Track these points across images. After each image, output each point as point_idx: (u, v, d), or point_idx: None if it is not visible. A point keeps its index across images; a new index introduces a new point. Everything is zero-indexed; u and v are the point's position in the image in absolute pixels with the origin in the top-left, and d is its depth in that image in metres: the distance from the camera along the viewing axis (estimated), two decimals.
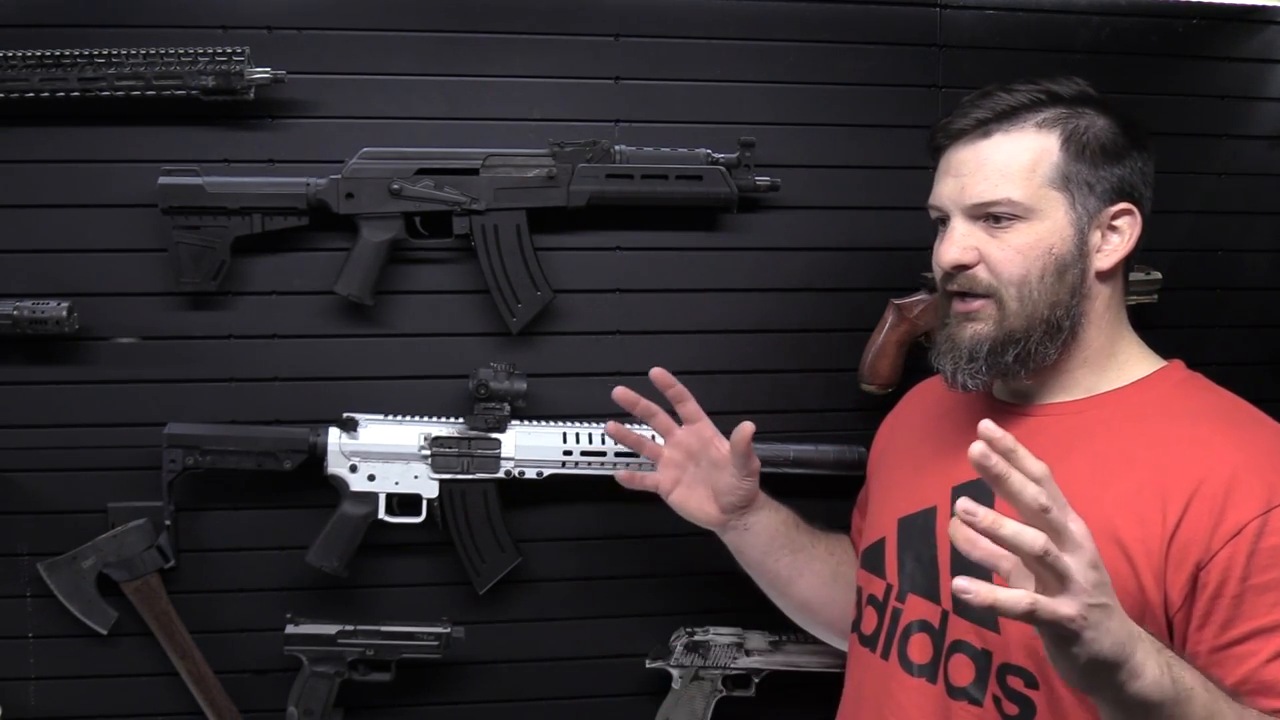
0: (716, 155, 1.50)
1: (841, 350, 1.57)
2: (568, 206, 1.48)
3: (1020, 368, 1.05)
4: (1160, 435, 0.99)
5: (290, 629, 1.46)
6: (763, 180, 1.51)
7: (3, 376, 1.46)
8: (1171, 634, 0.94)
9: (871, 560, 1.19)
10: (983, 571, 0.80)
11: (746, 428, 1.24)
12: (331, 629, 1.46)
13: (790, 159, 1.56)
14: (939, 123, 1.10)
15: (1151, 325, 1.58)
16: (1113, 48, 1.63)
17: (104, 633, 1.47)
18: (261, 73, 1.42)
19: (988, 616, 1.01)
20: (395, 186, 1.44)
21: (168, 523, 1.44)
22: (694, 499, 1.30)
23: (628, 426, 1.36)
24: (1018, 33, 1.61)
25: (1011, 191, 1.02)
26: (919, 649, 1.08)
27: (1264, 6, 1.66)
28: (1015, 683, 1.00)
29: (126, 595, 1.45)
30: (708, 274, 1.57)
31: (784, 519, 1.33)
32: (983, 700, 1.02)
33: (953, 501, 1.09)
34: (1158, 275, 1.56)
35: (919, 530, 1.13)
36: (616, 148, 1.49)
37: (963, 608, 1.05)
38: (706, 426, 1.30)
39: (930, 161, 1.15)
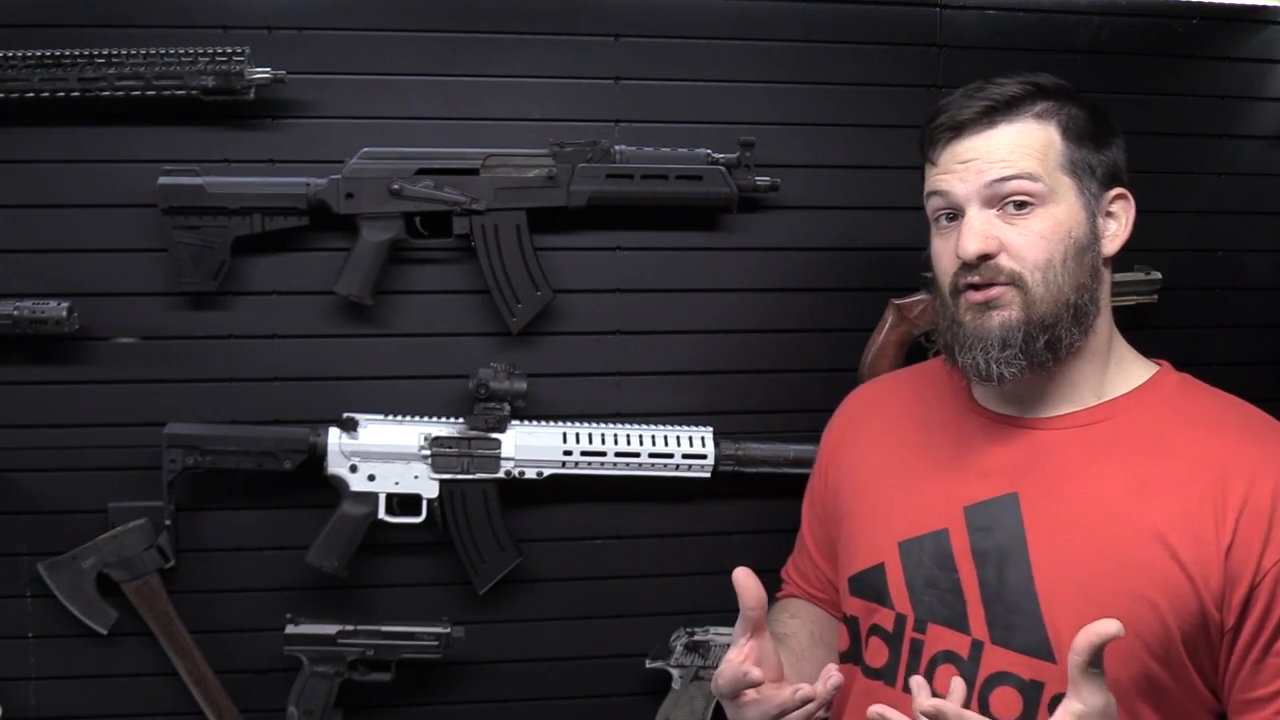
0: (716, 155, 1.49)
1: (841, 350, 1.57)
2: (568, 206, 1.48)
3: (1050, 355, 1.02)
4: (1187, 447, 0.99)
5: (290, 629, 1.46)
6: (763, 180, 1.51)
7: (3, 376, 1.46)
8: (1219, 647, 0.95)
9: (868, 588, 1.12)
10: (1014, 602, 0.99)
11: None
12: (331, 629, 1.47)
13: (790, 159, 1.56)
14: (936, 119, 1.06)
15: (1151, 325, 1.59)
16: (1113, 48, 1.63)
17: (104, 633, 1.47)
18: (261, 73, 1.42)
19: (1039, 644, 0.99)
20: (395, 186, 1.44)
21: (168, 523, 1.44)
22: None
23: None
24: (1018, 33, 1.61)
25: (1031, 166, 1.01)
26: (945, 681, 1.01)
27: (1264, 6, 1.66)
28: None
29: (126, 595, 1.45)
30: (708, 274, 1.57)
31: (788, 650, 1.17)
32: None
33: (966, 523, 1.05)
34: (1158, 275, 1.56)
35: (931, 555, 1.07)
36: (616, 148, 1.49)
37: (1004, 636, 1.01)
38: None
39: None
